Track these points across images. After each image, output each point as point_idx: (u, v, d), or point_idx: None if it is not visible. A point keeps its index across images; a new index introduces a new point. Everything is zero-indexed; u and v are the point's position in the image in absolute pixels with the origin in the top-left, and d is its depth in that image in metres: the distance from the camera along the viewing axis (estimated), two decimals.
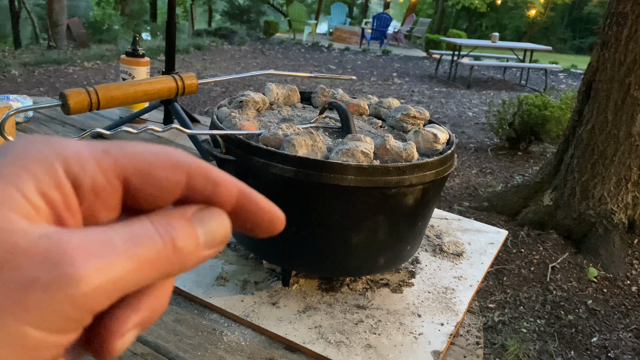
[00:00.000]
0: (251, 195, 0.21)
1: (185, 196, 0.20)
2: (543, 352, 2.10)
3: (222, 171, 0.21)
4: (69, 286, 0.15)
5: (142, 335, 0.60)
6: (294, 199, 0.62)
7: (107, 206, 0.19)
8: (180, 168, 0.19)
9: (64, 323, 0.15)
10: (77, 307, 0.15)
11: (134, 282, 0.17)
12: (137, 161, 0.19)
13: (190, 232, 0.19)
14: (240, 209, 0.21)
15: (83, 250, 0.15)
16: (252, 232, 0.22)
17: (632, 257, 2.85)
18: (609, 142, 2.88)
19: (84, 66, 7.30)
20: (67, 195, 0.17)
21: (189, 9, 14.59)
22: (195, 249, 0.19)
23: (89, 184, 0.18)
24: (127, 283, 0.17)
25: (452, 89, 7.83)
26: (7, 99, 1.25)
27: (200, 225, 0.19)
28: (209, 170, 0.20)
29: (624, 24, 2.80)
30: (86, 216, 0.18)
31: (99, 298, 0.16)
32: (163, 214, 0.19)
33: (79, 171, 0.18)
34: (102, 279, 0.16)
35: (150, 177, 0.19)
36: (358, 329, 0.64)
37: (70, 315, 0.15)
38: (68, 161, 0.17)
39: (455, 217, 0.99)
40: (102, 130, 0.52)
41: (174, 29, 1.26)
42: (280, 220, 0.22)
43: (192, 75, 0.67)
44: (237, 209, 0.21)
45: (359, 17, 20.19)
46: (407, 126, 0.75)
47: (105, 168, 0.18)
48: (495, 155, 4.63)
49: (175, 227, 0.18)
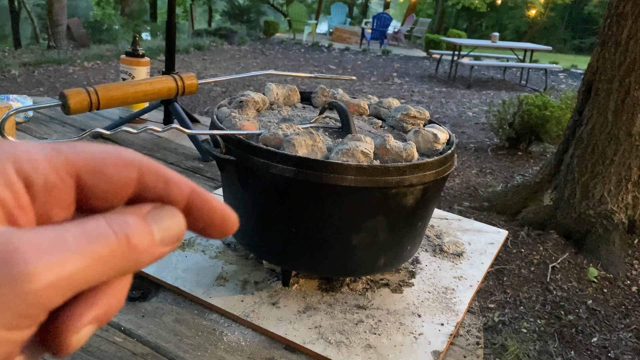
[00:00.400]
0: (203, 194, 0.21)
1: (138, 194, 0.20)
2: (543, 352, 2.10)
3: (174, 171, 0.21)
4: (21, 283, 0.15)
5: (142, 335, 0.60)
6: (294, 199, 0.62)
7: (61, 204, 0.19)
8: (131, 165, 0.20)
9: (17, 320, 0.16)
10: (30, 303, 0.15)
11: (87, 279, 0.17)
12: (89, 159, 0.19)
13: (145, 229, 0.19)
14: (192, 207, 0.21)
15: (34, 247, 0.16)
16: (205, 232, 0.22)
17: (632, 257, 2.85)
18: (609, 142, 2.88)
19: (84, 66, 7.30)
20: (18, 194, 0.17)
21: (189, 9, 14.59)
22: (150, 245, 0.19)
23: (41, 182, 0.18)
24: (80, 280, 0.17)
25: (452, 89, 7.83)
26: (7, 99, 1.25)
27: (155, 222, 0.19)
28: (160, 169, 0.21)
29: (624, 24, 2.80)
30: (39, 215, 0.18)
31: (52, 295, 0.16)
32: (118, 212, 0.19)
33: (30, 170, 0.18)
34: (53, 275, 0.16)
35: (102, 174, 0.19)
36: (358, 329, 0.64)
37: (23, 312, 0.15)
38: (19, 160, 0.18)
39: (455, 217, 0.99)
40: (102, 130, 0.52)
41: (174, 29, 1.26)
42: (232, 221, 0.22)
43: (192, 75, 0.67)
44: (189, 208, 0.21)
45: (359, 17, 20.19)
46: (407, 126, 0.75)
47: (56, 166, 0.18)
48: (495, 155, 4.63)
49: (129, 224, 0.18)
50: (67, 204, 0.19)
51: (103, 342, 0.58)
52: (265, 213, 0.66)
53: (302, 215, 0.63)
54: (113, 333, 0.60)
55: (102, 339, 0.59)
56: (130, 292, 0.68)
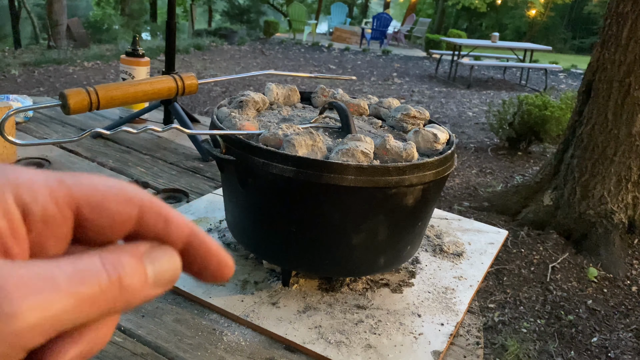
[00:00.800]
0: (202, 236, 0.21)
1: (137, 231, 0.20)
2: (543, 352, 2.10)
3: (176, 210, 0.21)
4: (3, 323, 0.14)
5: (142, 335, 0.60)
6: (294, 199, 0.62)
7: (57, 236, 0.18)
8: (132, 202, 0.19)
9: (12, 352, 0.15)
10: (9, 344, 0.15)
11: (73, 320, 0.16)
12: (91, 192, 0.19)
13: (139, 270, 0.18)
14: (190, 248, 0.21)
15: (22, 285, 0.15)
16: (200, 275, 0.22)
17: (632, 257, 2.85)
18: (609, 142, 2.88)
19: (84, 66, 7.30)
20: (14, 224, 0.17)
21: (189, 9, 14.59)
22: (142, 287, 0.18)
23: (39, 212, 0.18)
24: (66, 321, 0.16)
25: (452, 89, 7.83)
26: (7, 99, 1.25)
27: (151, 263, 0.19)
28: (161, 208, 0.20)
29: (624, 24, 2.80)
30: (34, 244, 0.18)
31: (34, 336, 0.15)
32: (114, 250, 0.19)
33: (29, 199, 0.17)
34: (38, 316, 0.15)
35: (102, 209, 0.19)
36: (358, 329, 0.64)
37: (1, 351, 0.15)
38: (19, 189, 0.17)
39: (455, 217, 0.99)
40: (102, 130, 0.52)
41: (174, 29, 1.26)
42: (228, 267, 0.22)
43: (192, 75, 0.67)
44: (186, 249, 0.21)
45: (359, 17, 20.18)
46: (407, 126, 0.75)
47: (57, 197, 0.18)
48: (495, 155, 4.63)
49: (123, 265, 0.18)
50: (64, 235, 0.19)
51: None
52: (265, 213, 0.66)
53: (302, 215, 0.63)
54: (113, 333, 0.60)
55: None
56: None
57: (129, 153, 1.16)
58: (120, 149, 1.18)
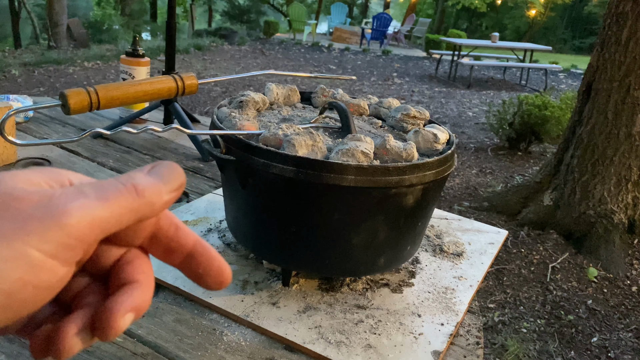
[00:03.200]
0: (206, 244, 0.26)
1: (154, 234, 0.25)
2: (543, 352, 2.10)
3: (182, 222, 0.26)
4: (59, 217, 0.20)
5: (142, 335, 0.60)
6: (294, 199, 0.62)
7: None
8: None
9: (59, 249, 0.20)
10: (67, 234, 0.20)
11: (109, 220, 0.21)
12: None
13: (148, 178, 0.23)
14: (195, 253, 0.25)
15: (64, 196, 0.20)
16: (202, 279, 0.26)
17: (632, 257, 2.85)
18: (609, 142, 2.88)
19: (84, 66, 7.30)
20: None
21: (189, 9, 14.58)
22: (156, 191, 0.23)
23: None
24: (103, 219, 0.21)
25: (452, 89, 7.83)
26: (7, 99, 1.25)
27: (156, 173, 0.24)
28: (173, 217, 0.26)
29: (624, 24, 2.80)
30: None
31: (83, 228, 0.20)
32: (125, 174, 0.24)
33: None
34: (81, 213, 0.20)
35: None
36: (358, 329, 0.64)
37: (62, 241, 0.20)
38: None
39: (455, 217, 0.99)
40: (102, 131, 0.52)
41: (174, 29, 1.26)
42: (227, 272, 0.26)
43: (192, 75, 0.67)
44: (192, 253, 0.25)
45: (359, 17, 20.18)
46: (407, 126, 0.75)
47: None
48: (495, 155, 4.63)
49: (134, 177, 0.23)
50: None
51: (103, 342, 0.59)
52: (265, 213, 0.66)
53: (302, 215, 0.63)
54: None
55: None
56: None
57: (129, 153, 1.16)
58: (121, 149, 1.18)
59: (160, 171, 0.24)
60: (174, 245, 0.25)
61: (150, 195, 0.22)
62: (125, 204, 0.21)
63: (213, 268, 0.26)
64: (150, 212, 0.23)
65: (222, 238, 0.81)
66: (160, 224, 0.25)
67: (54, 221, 0.19)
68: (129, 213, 0.22)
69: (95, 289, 0.24)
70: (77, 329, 0.22)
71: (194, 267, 0.25)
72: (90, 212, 0.20)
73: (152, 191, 0.23)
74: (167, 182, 0.23)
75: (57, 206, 0.20)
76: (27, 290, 0.19)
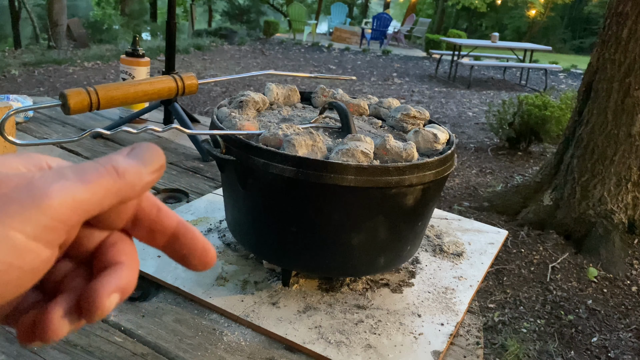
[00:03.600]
0: (189, 225, 0.26)
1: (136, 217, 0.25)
2: (543, 352, 2.10)
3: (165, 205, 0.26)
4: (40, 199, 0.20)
5: (142, 335, 0.60)
6: (294, 199, 0.62)
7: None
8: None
9: (40, 231, 0.20)
10: (48, 216, 0.20)
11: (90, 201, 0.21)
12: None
13: (127, 160, 0.23)
14: (179, 235, 0.25)
15: (44, 179, 0.20)
16: (186, 260, 0.26)
17: (632, 257, 2.85)
18: (609, 142, 2.88)
19: (84, 66, 7.30)
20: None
21: (189, 9, 14.58)
22: (136, 172, 0.23)
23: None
24: (85, 201, 0.21)
25: (452, 89, 7.83)
26: (7, 99, 1.25)
27: (135, 155, 0.24)
28: (154, 198, 0.26)
29: (624, 24, 2.80)
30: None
31: (65, 210, 0.20)
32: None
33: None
34: (62, 194, 0.20)
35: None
36: (358, 329, 0.64)
37: (44, 224, 0.20)
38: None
39: (455, 217, 0.99)
40: (102, 130, 0.52)
41: (174, 29, 1.26)
42: (211, 253, 0.26)
43: (192, 75, 0.66)
44: (176, 235, 0.25)
45: (359, 17, 20.17)
46: (407, 126, 0.75)
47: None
48: (495, 155, 4.63)
49: (112, 159, 0.23)
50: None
51: (103, 342, 0.59)
52: (265, 213, 0.66)
53: (302, 215, 0.63)
54: (113, 333, 0.60)
55: (102, 339, 0.59)
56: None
57: None
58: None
59: (140, 153, 0.24)
60: (157, 227, 0.25)
61: (130, 177, 0.22)
62: (106, 185, 0.22)
63: (197, 248, 0.25)
64: (132, 193, 0.23)
65: (222, 238, 0.81)
66: (142, 206, 0.25)
67: (35, 203, 0.19)
68: (110, 195, 0.22)
69: (80, 273, 0.24)
70: (63, 311, 0.22)
71: (177, 248, 0.25)
72: (71, 194, 0.20)
73: (133, 172, 0.23)
74: (147, 163, 0.23)
75: (37, 188, 0.20)
76: (11, 272, 0.19)
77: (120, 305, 0.65)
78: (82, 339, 0.59)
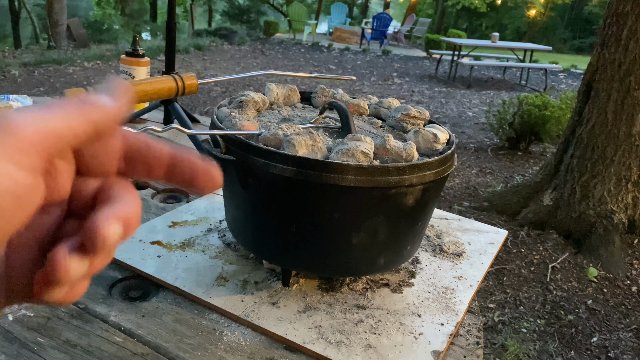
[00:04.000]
0: (184, 152, 0.26)
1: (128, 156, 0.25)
2: (543, 352, 2.10)
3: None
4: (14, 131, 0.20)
5: (142, 335, 0.60)
6: (294, 199, 0.62)
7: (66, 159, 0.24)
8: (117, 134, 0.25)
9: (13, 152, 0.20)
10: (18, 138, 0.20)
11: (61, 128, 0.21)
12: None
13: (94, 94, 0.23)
14: (176, 161, 0.25)
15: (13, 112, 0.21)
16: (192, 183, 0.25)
17: (632, 257, 2.85)
18: (609, 142, 2.88)
19: (84, 66, 7.30)
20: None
21: (189, 9, 14.58)
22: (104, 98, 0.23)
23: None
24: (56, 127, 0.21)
25: (452, 89, 7.83)
26: (7, 99, 1.25)
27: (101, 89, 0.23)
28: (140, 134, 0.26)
29: (624, 24, 2.80)
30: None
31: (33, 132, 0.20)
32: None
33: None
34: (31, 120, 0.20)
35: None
36: (358, 329, 0.64)
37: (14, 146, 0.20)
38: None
39: (455, 217, 0.99)
40: None
41: (174, 29, 1.26)
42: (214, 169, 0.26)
43: (192, 75, 0.67)
44: (173, 162, 0.25)
45: (359, 17, 20.17)
46: (407, 126, 0.75)
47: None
48: (495, 155, 4.63)
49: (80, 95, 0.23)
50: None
51: (103, 342, 0.59)
52: (265, 213, 0.66)
53: (302, 215, 0.63)
54: (113, 333, 0.60)
55: (102, 339, 0.59)
56: (130, 292, 0.69)
57: None
58: None
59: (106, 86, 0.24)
60: (151, 159, 0.25)
61: (99, 103, 0.23)
62: (76, 111, 0.22)
63: (199, 169, 0.25)
64: (105, 119, 0.23)
65: (222, 238, 0.81)
66: (129, 144, 0.25)
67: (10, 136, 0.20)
68: (82, 122, 0.22)
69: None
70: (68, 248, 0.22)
71: (179, 174, 0.25)
72: (41, 119, 0.21)
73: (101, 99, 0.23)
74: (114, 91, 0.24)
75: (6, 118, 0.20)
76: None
77: (120, 305, 0.65)
78: (82, 339, 0.59)
